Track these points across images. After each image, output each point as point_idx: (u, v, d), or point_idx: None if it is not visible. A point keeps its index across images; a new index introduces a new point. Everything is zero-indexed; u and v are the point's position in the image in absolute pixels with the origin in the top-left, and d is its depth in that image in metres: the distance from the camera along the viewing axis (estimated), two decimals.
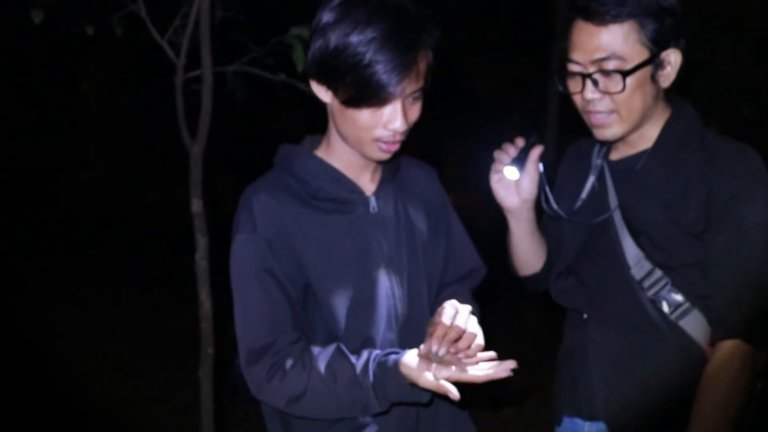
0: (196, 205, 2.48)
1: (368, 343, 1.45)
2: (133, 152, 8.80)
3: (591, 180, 1.70)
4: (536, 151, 1.64)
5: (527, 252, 1.82)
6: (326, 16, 1.31)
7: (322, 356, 1.37)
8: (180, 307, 2.56)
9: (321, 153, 1.49)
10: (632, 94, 1.49)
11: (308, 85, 2.53)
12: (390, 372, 1.32)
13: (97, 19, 2.54)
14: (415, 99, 1.37)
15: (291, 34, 2.63)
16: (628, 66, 1.46)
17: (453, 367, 1.27)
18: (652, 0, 1.45)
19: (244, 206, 1.42)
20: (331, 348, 1.39)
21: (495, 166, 1.68)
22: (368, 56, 1.26)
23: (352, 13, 1.28)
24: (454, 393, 1.22)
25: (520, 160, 1.64)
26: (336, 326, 1.44)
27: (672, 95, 1.61)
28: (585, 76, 1.50)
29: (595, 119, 1.54)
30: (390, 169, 1.55)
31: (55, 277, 6.54)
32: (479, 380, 1.25)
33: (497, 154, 1.68)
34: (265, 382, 1.37)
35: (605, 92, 1.49)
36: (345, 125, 1.38)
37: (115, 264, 7.08)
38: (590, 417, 1.68)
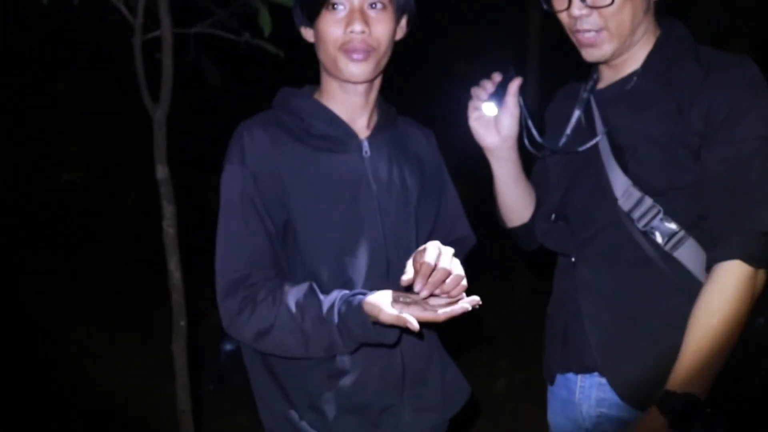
0: (161, 172, 2.40)
1: (348, 285, 1.43)
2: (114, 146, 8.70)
3: (576, 113, 1.61)
4: (515, 84, 1.58)
5: (513, 198, 1.72)
6: None
7: (292, 293, 1.38)
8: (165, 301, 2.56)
9: (317, 97, 1.54)
10: (621, 8, 1.43)
11: (274, 45, 2.46)
12: (354, 310, 1.31)
13: None
14: (377, 9, 1.43)
15: None
16: None
17: (414, 307, 1.27)
18: None
19: (235, 139, 1.45)
20: (304, 286, 1.39)
21: (473, 104, 1.62)
22: None
23: None
24: (414, 324, 1.21)
25: (498, 95, 1.58)
26: (316, 266, 1.44)
27: (662, 17, 1.53)
28: None
29: (583, 38, 1.48)
30: (385, 118, 1.57)
31: (42, 275, 6.44)
32: (440, 319, 1.25)
33: (474, 90, 1.61)
34: (236, 315, 1.39)
35: (593, 7, 1.42)
36: (320, 49, 1.47)
37: (103, 260, 7.01)
38: (583, 368, 1.56)
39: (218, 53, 3.16)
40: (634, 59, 1.52)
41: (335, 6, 1.42)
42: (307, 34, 1.51)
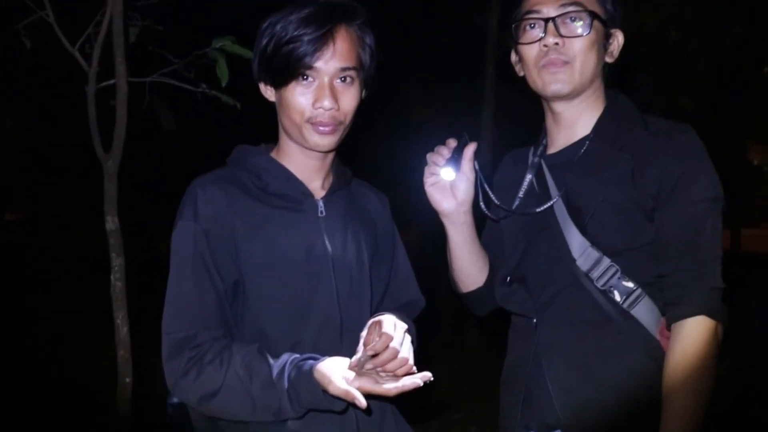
0: (111, 223, 2.32)
1: (298, 346, 1.40)
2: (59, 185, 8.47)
3: (528, 177, 1.66)
4: (470, 149, 1.61)
5: (468, 263, 1.73)
6: (263, 25, 1.44)
7: (240, 355, 1.34)
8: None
9: (274, 155, 1.53)
10: (590, 47, 1.52)
11: (230, 97, 2.43)
12: (304, 377, 1.29)
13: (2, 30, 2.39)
14: (346, 83, 1.42)
15: (213, 46, 2.55)
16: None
17: (366, 379, 1.26)
18: None
19: (188, 195, 1.42)
20: (253, 348, 1.36)
21: (429, 169, 1.64)
22: (288, 34, 1.38)
23: (280, 11, 1.42)
24: (360, 401, 1.21)
25: (454, 160, 1.60)
26: (266, 326, 1.42)
27: (607, 89, 1.62)
28: (548, 21, 1.51)
29: (548, 70, 1.53)
30: (340, 179, 1.57)
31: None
32: (390, 393, 1.25)
33: (431, 156, 1.64)
34: (181, 377, 1.34)
35: (568, 37, 1.50)
36: (283, 113, 1.45)
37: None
38: (545, 427, 1.56)
39: (173, 98, 3.12)
40: (584, 123, 1.58)
41: (306, 77, 1.40)
42: (267, 92, 1.49)
